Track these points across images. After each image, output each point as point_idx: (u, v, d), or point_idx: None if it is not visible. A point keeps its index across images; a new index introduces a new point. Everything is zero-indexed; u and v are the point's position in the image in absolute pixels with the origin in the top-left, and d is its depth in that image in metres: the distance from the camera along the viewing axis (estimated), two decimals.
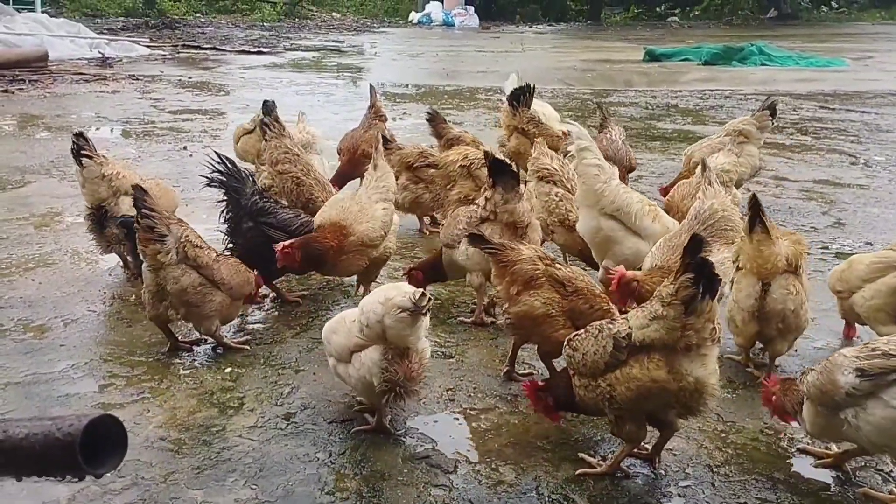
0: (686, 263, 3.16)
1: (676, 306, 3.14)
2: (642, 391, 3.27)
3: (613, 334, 3.34)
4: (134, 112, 12.13)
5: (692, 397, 3.26)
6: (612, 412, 3.43)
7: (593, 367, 3.40)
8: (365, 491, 3.40)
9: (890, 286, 4.40)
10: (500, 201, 4.89)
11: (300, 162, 5.98)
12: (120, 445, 1.56)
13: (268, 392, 4.18)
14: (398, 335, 3.54)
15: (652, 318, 3.22)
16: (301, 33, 27.50)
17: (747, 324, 4.30)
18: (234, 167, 5.29)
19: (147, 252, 4.35)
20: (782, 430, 3.91)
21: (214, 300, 4.48)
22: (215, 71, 17.40)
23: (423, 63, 20.66)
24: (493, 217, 4.95)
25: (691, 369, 3.22)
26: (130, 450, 3.55)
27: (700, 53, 20.65)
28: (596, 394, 3.41)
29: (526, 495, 3.41)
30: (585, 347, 3.45)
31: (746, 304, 4.24)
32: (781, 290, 4.18)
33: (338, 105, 13.15)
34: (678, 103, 14.09)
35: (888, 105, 14.07)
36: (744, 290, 4.25)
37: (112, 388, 4.18)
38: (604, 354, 3.35)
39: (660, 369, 3.22)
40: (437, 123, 7.19)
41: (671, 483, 3.51)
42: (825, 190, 8.33)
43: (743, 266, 4.27)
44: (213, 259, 4.51)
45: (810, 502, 3.40)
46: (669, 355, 3.22)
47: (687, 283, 3.11)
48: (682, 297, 3.12)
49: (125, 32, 23.93)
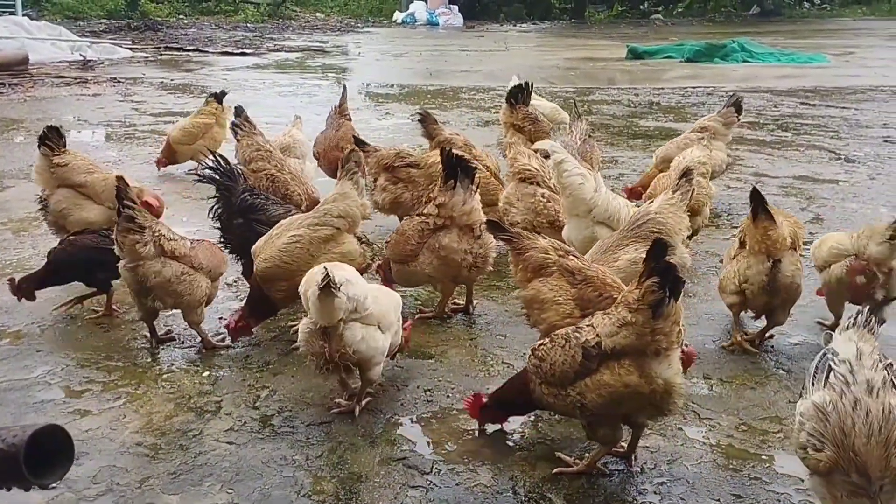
0: (651, 268, 3.17)
1: (644, 311, 3.15)
2: (615, 397, 3.27)
3: (582, 343, 3.32)
4: (115, 115, 12.06)
5: (662, 399, 3.28)
6: (585, 418, 3.44)
7: (562, 377, 3.38)
8: (342, 493, 3.40)
9: (837, 276, 4.75)
10: (458, 203, 4.86)
11: (273, 158, 5.99)
12: (67, 455, 1.55)
13: (245, 395, 4.17)
14: (313, 309, 3.74)
15: (621, 325, 3.22)
16: (285, 34, 27.39)
17: (757, 296, 4.62)
18: (227, 165, 5.32)
19: (126, 243, 4.37)
20: (757, 428, 3.94)
21: (202, 286, 4.59)
22: (198, 73, 17.31)
23: (406, 63, 20.63)
24: (448, 222, 4.93)
25: (660, 371, 3.24)
26: (106, 455, 3.59)
27: (682, 51, 20.69)
28: (567, 402, 3.40)
29: (502, 495, 3.42)
30: (553, 357, 3.41)
31: (758, 279, 4.57)
32: (790, 266, 4.58)
33: (321, 106, 13.02)
34: (660, 101, 14.13)
35: (868, 101, 14.15)
36: (754, 267, 4.58)
37: (88, 393, 4.16)
38: (573, 364, 3.33)
39: (631, 374, 3.23)
40: (428, 124, 7.13)
41: (647, 481, 3.53)
42: (805, 186, 8.38)
43: (751, 248, 4.60)
44: (188, 248, 4.61)
45: (785, 498, 3.43)
46: (639, 359, 3.23)
47: (653, 287, 3.12)
48: (648, 301, 3.14)
49: (107, 35, 23.76)
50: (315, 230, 4.72)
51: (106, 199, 5.59)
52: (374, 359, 3.89)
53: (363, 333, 3.81)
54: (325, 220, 4.76)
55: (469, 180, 4.87)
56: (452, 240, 4.90)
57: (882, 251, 4.56)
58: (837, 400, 2.81)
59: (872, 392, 2.81)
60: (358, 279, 3.96)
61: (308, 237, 4.68)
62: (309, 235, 4.69)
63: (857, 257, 4.66)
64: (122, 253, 4.43)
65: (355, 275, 3.99)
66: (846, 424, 2.75)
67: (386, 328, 3.96)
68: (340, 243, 4.78)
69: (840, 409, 2.78)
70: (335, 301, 3.68)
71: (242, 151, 6.04)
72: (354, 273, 4.02)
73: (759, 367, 4.56)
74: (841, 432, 2.75)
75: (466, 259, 4.95)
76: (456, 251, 4.92)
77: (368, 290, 3.93)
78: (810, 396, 2.91)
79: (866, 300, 4.51)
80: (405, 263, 5.05)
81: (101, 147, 9.97)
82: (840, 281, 4.73)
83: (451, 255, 4.92)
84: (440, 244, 4.93)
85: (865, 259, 4.61)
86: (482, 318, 5.17)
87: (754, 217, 4.54)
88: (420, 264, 4.99)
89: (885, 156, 9.75)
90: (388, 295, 4.20)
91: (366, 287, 3.95)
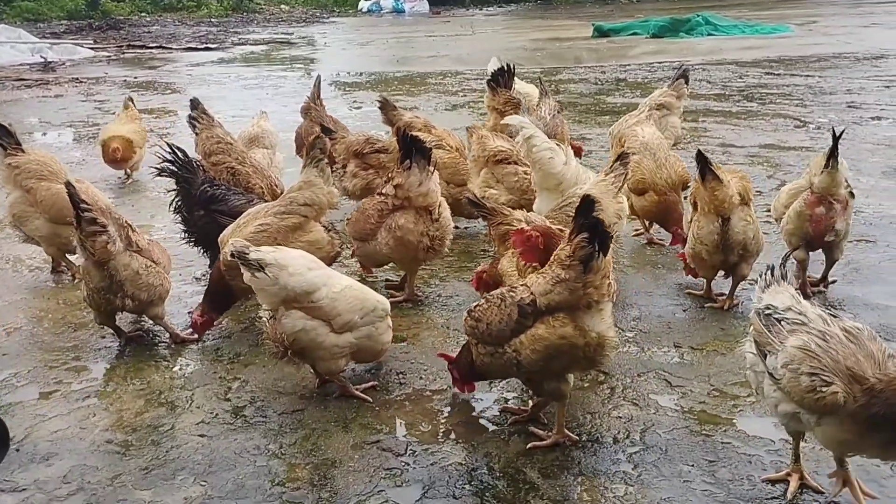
0: (579, 224, 3.27)
1: (576, 266, 3.26)
2: (550, 350, 3.36)
3: (518, 302, 3.39)
4: (78, 115, 11.90)
5: (595, 351, 3.40)
6: (522, 375, 3.51)
7: (499, 336, 3.44)
8: (316, 479, 3.39)
9: (796, 211, 4.90)
10: (415, 183, 4.85)
11: (234, 151, 5.91)
12: (2, 443, 1.53)
13: (216, 387, 4.14)
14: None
15: (555, 283, 3.32)
16: (249, 27, 27.11)
17: (712, 255, 4.79)
18: (185, 157, 5.26)
19: (96, 246, 4.29)
20: (728, 393, 3.97)
21: (166, 280, 4.60)
22: (161, 70, 17.10)
23: (373, 51, 20.51)
24: (406, 203, 4.92)
25: (593, 324, 3.36)
26: (76, 455, 3.55)
27: (648, 27, 20.74)
28: (503, 360, 3.46)
29: (478, 472, 3.42)
30: (489, 318, 3.47)
31: (710, 239, 4.74)
32: (740, 222, 4.73)
33: (287, 97, 12.99)
34: (627, 77, 14.15)
35: (831, 68, 14.27)
36: (705, 227, 4.75)
37: (57, 394, 4.11)
38: (509, 322, 3.40)
39: (566, 326, 3.34)
40: (387, 111, 7.10)
41: (621, 450, 3.54)
42: (770, 154, 8.43)
43: (701, 209, 4.77)
44: (147, 242, 4.62)
45: (757, 459, 3.46)
46: (573, 313, 3.35)
47: (583, 243, 3.24)
48: (579, 256, 3.25)
49: (68, 35, 23.40)
50: (282, 219, 4.69)
51: (45, 212, 5.40)
52: (316, 353, 3.87)
53: (304, 325, 3.80)
54: (292, 208, 4.73)
55: (425, 161, 4.85)
56: (409, 220, 4.89)
57: (824, 180, 4.77)
58: (811, 339, 2.96)
59: (827, 322, 3.03)
60: (306, 269, 3.87)
61: (275, 226, 4.65)
62: (276, 224, 4.66)
63: (811, 192, 4.87)
64: (90, 255, 4.32)
65: (307, 265, 3.90)
66: (832, 354, 2.90)
67: (340, 328, 3.86)
68: (307, 231, 4.75)
69: (820, 343, 2.94)
70: (259, 280, 3.76)
71: (202, 144, 5.96)
72: (311, 264, 3.95)
73: (729, 334, 4.59)
74: (834, 361, 2.89)
75: (422, 241, 4.94)
76: (412, 232, 4.92)
77: (327, 285, 3.86)
78: (784, 347, 3.00)
79: (827, 232, 4.83)
80: (365, 241, 5.06)
81: (66, 148, 9.83)
82: (800, 215, 4.88)
83: (406, 236, 4.91)
84: (396, 224, 4.91)
85: (817, 191, 4.82)
86: (454, 300, 5.16)
87: (702, 178, 4.66)
88: (378, 243, 4.98)
89: (848, 121, 9.84)
90: (359, 298, 3.96)
91: (320, 281, 3.87)
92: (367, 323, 3.95)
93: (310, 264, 3.92)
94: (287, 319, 3.82)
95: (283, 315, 3.83)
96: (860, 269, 5.43)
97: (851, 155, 8.33)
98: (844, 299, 4.99)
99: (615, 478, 3.36)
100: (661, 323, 4.74)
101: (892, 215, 6.51)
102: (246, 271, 3.79)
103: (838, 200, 4.81)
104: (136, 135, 8.07)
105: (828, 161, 4.72)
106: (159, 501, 3.27)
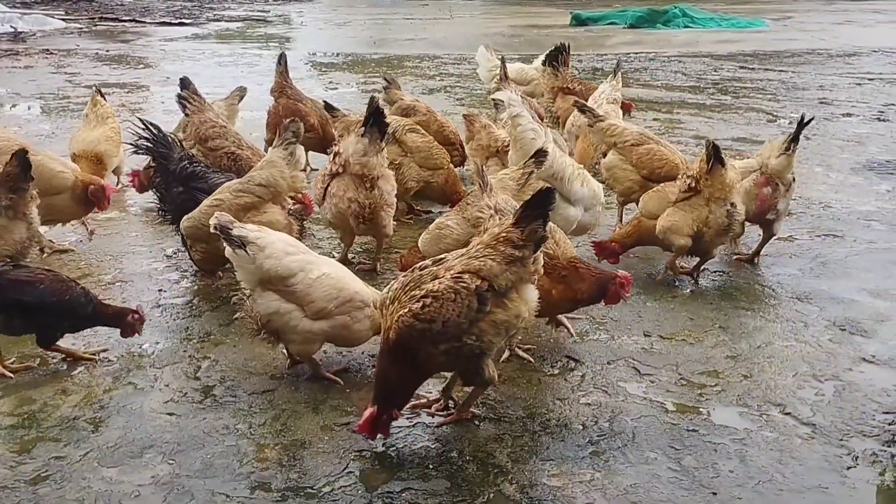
0: (530, 204, 3.41)
1: (529, 246, 3.42)
2: (508, 328, 3.48)
3: (475, 290, 3.34)
4: (48, 87, 11.69)
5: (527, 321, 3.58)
6: (472, 362, 3.46)
7: (458, 330, 3.35)
8: (285, 460, 3.39)
9: (745, 188, 5.26)
10: (359, 151, 4.94)
11: (230, 134, 5.83)
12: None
13: (185, 366, 4.12)
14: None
15: (509, 263, 3.40)
16: (225, 3, 26.75)
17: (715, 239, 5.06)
18: (160, 133, 5.18)
19: None
20: (696, 382, 4.03)
21: None
22: (134, 43, 16.84)
23: (350, 31, 20.37)
24: (342, 170, 5.04)
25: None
26: (44, 431, 3.51)
27: (625, 17, 20.83)
28: (464, 353, 3.40)
29: (449, 454, 3.44)
30: (446, 315, 3.31)
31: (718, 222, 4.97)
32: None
33: (262, 76, 12.77)
34: (603, 67, 14.17)
35: (805, 63, 14.43)
36: (716, 212, 4.95)
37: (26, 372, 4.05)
38: (469, 312, 3.34)
39: (518, 304, 3.47)
40: (392, 90, 7.25)
41: (588, 436, 3.58)
42: (743, 147, 8.52)
43: (710, 196, 4.95)
44: None
45: (721, 447, 3.52)
46: (521, 289, 3.49)
47: (538, 227, 3.40)
48: (534, 239, 3.41)
49: (39, 6, 22.94)
50: (236, 196, 4.71)
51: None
52: (287, 336, 3.89)
53: (279, 307, 3.81)
54: (248, 187, 4.75)
55: (379, 136, 4.94)
56: (341, 187, 5.00)
57: (780, 163, 5.19)
58: None
59: None
60: (283, 254, 3.83)
61: (228, 202, 4.66)
62: (230, 201, 4.67)
63: (762, 172, 5.27)
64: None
65: (286, 250, 3.87)
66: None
67: (314, 314, 3.83)
68: (262, 212, 4.72)
69: None
70: (238, 256, 3.79)
71: (196, 129, 5.81)
72: (291, 248, 3.91)
73: (697, 324, 4.65)
74: None
75: (352, 207, 5.01)
76: (342, 199, 5.01)
77: (304, 271, 3.83)
78: None
79: (769, 211, 5.28)
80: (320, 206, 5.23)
81: (35, 120, 9.66)
82: (748, 193, 5.24)
83: (338, 204, 5.01)
84: (332, 191, 5.05)
85: (769, 173, 5.23)
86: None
87: (710, 168, 4.87)
88: (323, 209, 5.16)
89: (820, 117, 9.96)
90: (335, 287, 3.87)
91: (297, 266, 3.83)
92: (342, 312, 3.89)
93: (289, 249, 3.89)
94: (262, 300, 3.82)
95: (259, 295, 3.83)
96: (827, 264, 5.53)
97: (822, 150, 8.48)
98: (811, 293, 5.08)
99: (583, 463, 3.40)
100: (632, 312, 4.79)
101: (859, 211, 6.62)
102: (227, 246, 3.80)
103: (784, 183, 5.25)
104: (107, 143, 6.59)
105: (789, 145, 5.09)
106: (126, 480, 3.25)
